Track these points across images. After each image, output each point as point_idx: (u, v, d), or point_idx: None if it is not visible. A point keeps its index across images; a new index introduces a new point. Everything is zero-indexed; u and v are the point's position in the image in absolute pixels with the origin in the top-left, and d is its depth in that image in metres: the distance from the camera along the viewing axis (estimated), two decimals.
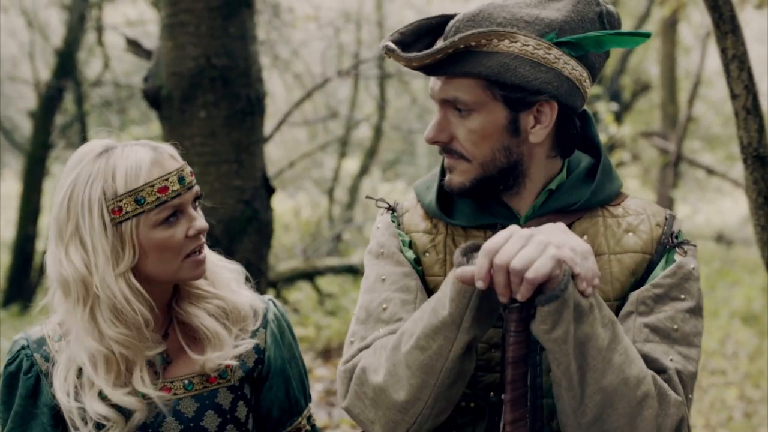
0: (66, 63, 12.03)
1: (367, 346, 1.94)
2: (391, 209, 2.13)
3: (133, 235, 1.99)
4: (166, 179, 2.00)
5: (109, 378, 2.02)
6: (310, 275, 11.63)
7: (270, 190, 4.85)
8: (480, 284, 1.68)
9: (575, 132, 1.95)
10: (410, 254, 2.03)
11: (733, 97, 2.37)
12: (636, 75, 15.40)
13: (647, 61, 14.48)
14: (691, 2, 9.68)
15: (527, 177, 1.95)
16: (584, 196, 1.96)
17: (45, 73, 12.79)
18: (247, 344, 2.16)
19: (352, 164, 18.18)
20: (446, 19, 1.91)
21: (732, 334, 9.29)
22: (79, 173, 2.00)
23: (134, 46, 5.13)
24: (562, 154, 1.98)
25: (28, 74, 13.40)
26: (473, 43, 1.80)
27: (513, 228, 1.70)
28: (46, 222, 13.14)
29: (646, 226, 1.97)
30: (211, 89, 4.51)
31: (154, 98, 4.60)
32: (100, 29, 12.79)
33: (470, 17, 1.85)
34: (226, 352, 2.11)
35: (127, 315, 2.00)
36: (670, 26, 12.91)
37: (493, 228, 1.98)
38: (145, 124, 15.09)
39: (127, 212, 1.98)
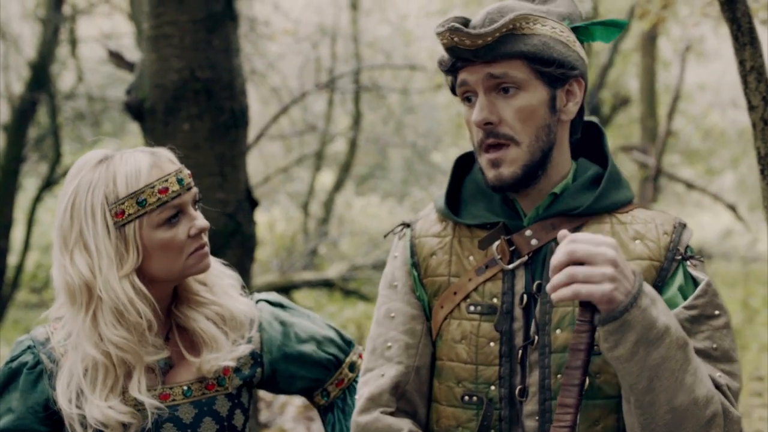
0: (39, 76, 11.91)
1: (375, 399, 2.01)
2: (406, 225, 2.17)
3: (136, 236, 2.03)
4: (166, 180, 2.05)
5: (104, 388, 2.04)
6: (286, 289, 11.60)
7: (253, 203, 4.82)
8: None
9: (583, 111, 2.06)
10: (422, 293, 2.08)
11: (751, 108, 2.40)
12: (615, 89, 15.45)
13: (627, 75, 14.54)
14: (670, 17, 9.75)
15: (550, 165, 1.99)
16: (588, 201, 1.99)
17: (18, 86, 12.68)
18: (244, 348, 2.17)
19: (326, 178, 18.16)
20: (465, 20, 2.00)
21: None
22: (80, 182, 2.04)
23: (116, 58, 5.08)
24: (573, 132, 2.06)
25: (0, 87, 13.27)
26: (517, 25, 1.92)
27: (611, 243, 1.75)
28: (18, 236, 13.00)
29: (654, 234, 1.99)
30: (194, 102, 4.48)
31: (137, 110, 4.56)
32: (74, 42, 12.73)
33: (497, 9, 1.96)
34: (224, 354, 2.13)
35: (130, 317, 2.02)
36: (650, 40, 12.98)
37: (495, 226, 2.02)
38: (120, 137, 15.00)
39: (129, 214, 2.02)
